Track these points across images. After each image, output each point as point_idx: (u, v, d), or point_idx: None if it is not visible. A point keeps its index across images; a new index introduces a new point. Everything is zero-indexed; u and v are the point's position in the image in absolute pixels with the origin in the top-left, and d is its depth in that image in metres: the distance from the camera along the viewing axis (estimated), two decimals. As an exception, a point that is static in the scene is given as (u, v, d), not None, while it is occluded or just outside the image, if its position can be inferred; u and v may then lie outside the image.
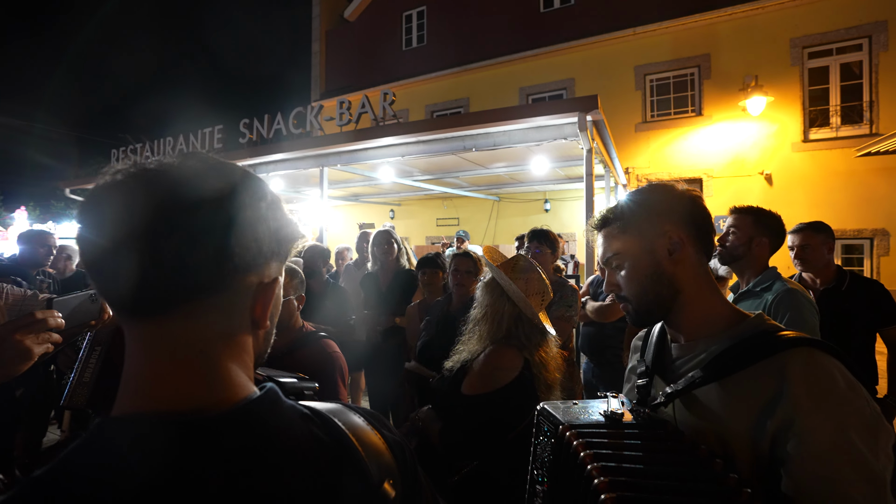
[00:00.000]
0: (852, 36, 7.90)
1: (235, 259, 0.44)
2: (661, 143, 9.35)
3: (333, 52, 14.42)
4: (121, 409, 0.43)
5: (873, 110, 7.76)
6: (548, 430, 0.74)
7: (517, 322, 1.41)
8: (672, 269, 0.80)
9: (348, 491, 0.47)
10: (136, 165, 0.43)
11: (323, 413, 0.52)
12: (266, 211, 0.47)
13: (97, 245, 0.41)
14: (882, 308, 2.15)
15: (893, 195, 7.54)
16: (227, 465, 0.41)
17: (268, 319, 0.50)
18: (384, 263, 3.23)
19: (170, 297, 0.42)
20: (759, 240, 1.88)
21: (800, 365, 0.65)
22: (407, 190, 9.25)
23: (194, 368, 0.44)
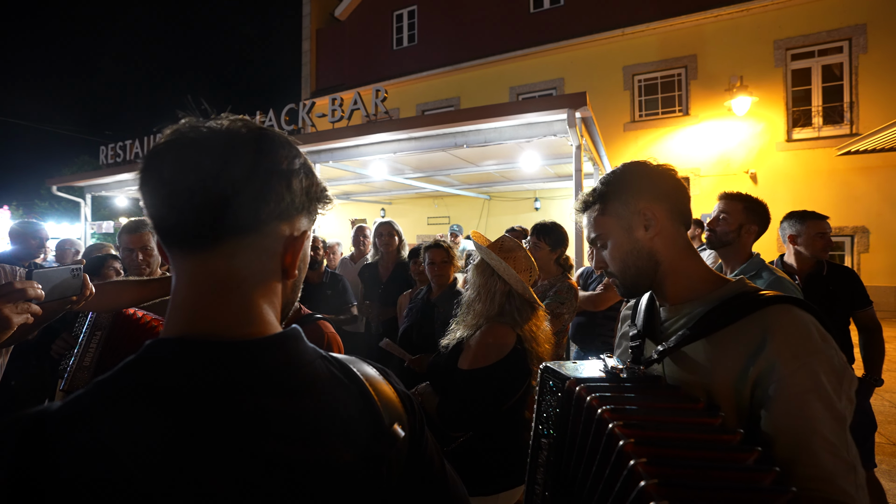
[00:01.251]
0: (833, 38, 8.11)
1: (271, 204, 0.49)
2: (649, 143, 9.50)
3: (324, 50, 14.39)
4: (168, 333, 0.49)
5: (853, 111, 7.98)
6: (553, 385, 0.78)
7: (509, 298, 1.48)
8: (650, 243, 0.86)
9: (361, 425, 0.53)
10: (190, 124, 0.50)
11: (341, 359, 0.58)
12: (299, 168, 0.53)
13: (159, 186, 0.48)
14: (857, 292, 2.26)
15: (873, 193, 7.75)
16: (256, 384, 0.47)
17: (296, 269, 0.56)
18: (385, 254, 3.25)
19: (214, 231, 0.48)
20: (749, 227, 1.95)
21: (780, 319, 0.72)
22: (398, 188, 9.28)
23: (231, 302, 0.50)
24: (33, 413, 0.42)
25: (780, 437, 0.65)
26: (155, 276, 2.02)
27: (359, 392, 0.55)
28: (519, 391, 1.45)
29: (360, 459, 0.51)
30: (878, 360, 2.25)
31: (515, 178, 8.17)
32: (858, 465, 0.64)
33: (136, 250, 1.92)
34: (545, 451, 0.78)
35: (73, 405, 0.43)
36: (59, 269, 1.04)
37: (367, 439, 0.52)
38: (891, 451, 3.21)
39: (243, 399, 0.46)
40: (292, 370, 0.50)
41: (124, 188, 8.94)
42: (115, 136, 26.05)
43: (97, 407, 0.43)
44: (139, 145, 7.84)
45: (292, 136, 0.56)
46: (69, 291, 1.07)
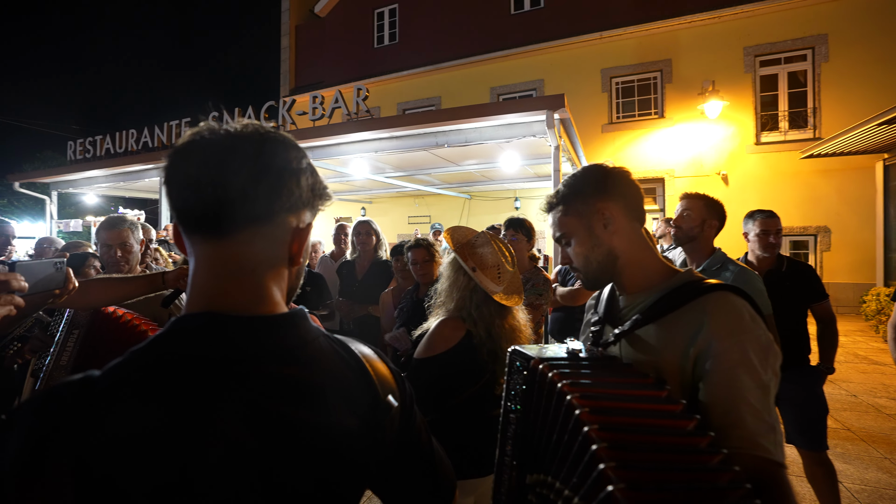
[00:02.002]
0: (798, 47, 8.48)
1: (283, 198, 0.56)
2: (626, 144, 9.74)
3: (304, 47, 14.25)
4: (191, 310, 0.55)
5: (816, 116, 8.36)
6: (520, 364, 0.86)
7: (472, 294, 1.53)
8: (609, 239, 0.94)
9: (361, 395, 0.60)
10: (211, 127, 0.56)
11: (340, 338, 0.65)
12: (306, 168, 0.60)
13: (186, 180, 0.54)
14: (813, 287, 2.41)
15: (833, 195, 8.14)
16: (271, 353, 0.54)
17: (301, 257, 0.62)
18: (363, 253, 3.29)
19: (234, 221, 0.54)
20: (710, 222, 2.10)
21: (718, 303, 0.82)
22: (379, 187, 9.28)
23: (247, 284, 0.56)
24: (81, 378, 0.47)
25: (715, 405, 0.75)
26: (134, 273, 2.01)
27: (357, 366, 0.62)
28: (472, 385, 1.50)
29: (362, 425, 0.58)
30: (831, 350, 2.40)
31: (496, 177, 8.27)
32: (777, 427, 0.74)
33: (114, 247, 1.90)
34: (513, 424, 0.86)
35: (115, 372, 0.48)
36: (43, 263, 1.05)
37: (366, 407, 0.59)
38: (845, 436, 3.41)
39: (265, 366, 0.53)
40: (302, 344, 0.57)
41: (94, 185, 8.69)
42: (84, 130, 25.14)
43: (138, 373, 0.48)
44: (110, 141, 7.64)
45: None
46: (52, 285, 1.07)
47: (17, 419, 0.45)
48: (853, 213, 7.99)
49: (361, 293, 3.17)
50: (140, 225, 2.58)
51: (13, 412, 0.46)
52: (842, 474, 2.82)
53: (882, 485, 2.75)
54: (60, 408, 0.45)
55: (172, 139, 6.96)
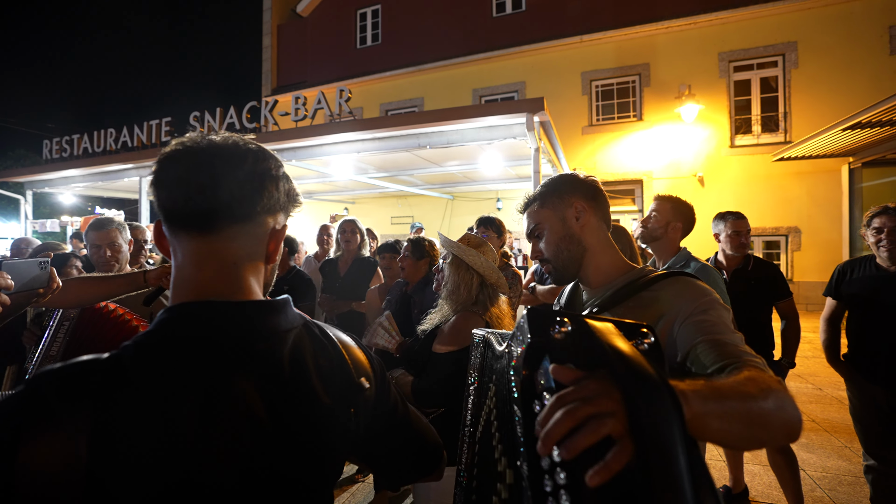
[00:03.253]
0: (769, 53, 8.77)
1: (264, 200, 0.63)
2: (605, 145, 9.93)
3: (286, 47, 14.13)
4: (178, 299, 0.61)
5: (787, 120, 8.66)
6: (478, 341, 0.95)
7: (481, 287, 1.68)
8: (580, 231, 1.03)
9: (336, 375, 0.67)
10: (198, 137, 0.63)
11: (320, 324, 0.72)
12: (283, 175, 0.67)
13: (177, 182, 0.60)
14: (777, 285, 2.54)
15: (804, 196, 8.44)
16: (264, 334, 0.61)
17: (276, 255, 0.69)
18: (346, 251, 3.34)
19: (221, 218, 0.61)
20: (675, 224, 2.19)
21: (675, 284, 0.91)
22: (362, 187, 9.28)
23: (230, 275, 0.62)
24: (110, 354, 0.53)
25: (699, 348, 0.78)
26: (123, 272, 2.02)
27: (334, 351, 0.68)
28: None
29: (336, 402, 0.65)
30: (793, 346, 2.53)
31: (478, 178, 8.35)
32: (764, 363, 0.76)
33: (103, 247, 1.94)
34: (472, 395, 0.93)
35: (132, 349, 0.54)
36: (28, 262, 1.07)
37: (340, 387, 0.66)
38: (809, 427, 3.57)
39: (259, 346, 0.59)
40: (289, 327, 0.64)
41: (71, 184, 8.48)
42: (60, 129, 24.48)
43: (151, 353, 0.55)
44: (88, 140, 7.48)
45: (255, 135, 0.68)
46: (36, 283, 1.09)
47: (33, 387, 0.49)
48: (822, 214, 8.29)
49: (344, 290, 3.21)
50: (135, 225, 2.59)
51: (28, 385, 0.50)
52: (804, 462, 2.96)
53: (842, 472, 2.90)
54: (87, 382, 0.50)
55: (153, 139, 6.86)
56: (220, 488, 0.52)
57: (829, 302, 2.41)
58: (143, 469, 0.48)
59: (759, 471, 2.95)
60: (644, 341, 0.56)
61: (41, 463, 0.45)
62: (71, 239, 6.90)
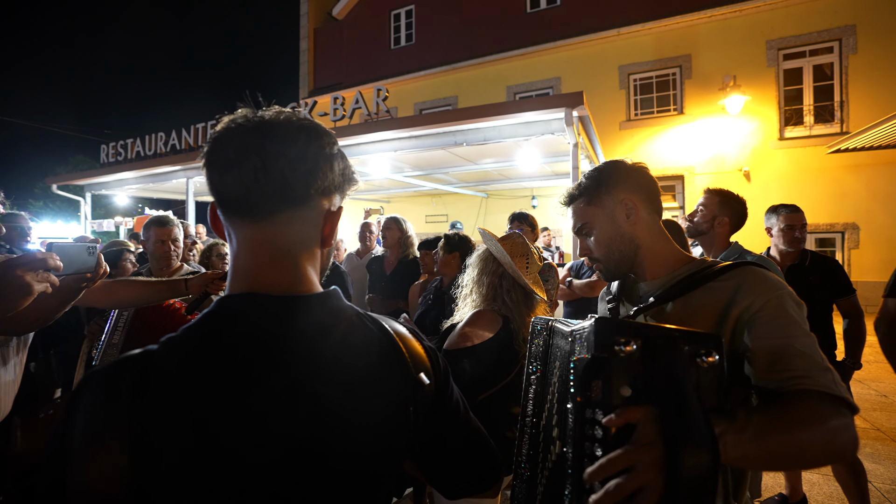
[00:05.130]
0: (824, 39, 8.26)
1: (318, 182, 0.59)
2: (644, 141, 9.63)
3: (322, 49, 14.45)
4: (233, 290, 0.59)
5: (843, 110, 8.13)
6: (540, 328, 0.91)
7: (500, 280, 1.57)
8: (631, 229, 0.97)
9: (392, 371, 0.62)
10: (249, 114, 0.59)
11: (375, 317, 0.67)
12: (338, 153, 0.62)
13: (227, 165, 0.56)
14: (838, 281, 2.38)
15: (862, 191, 7.91)
16: (308, 330, 0.57)
17: (332, 239, 0.65)
18: (390, 248, 3.38)
19: (273, 204, 0.57)
20: (721, 219, 2.10)
21: (747, 273, 0.86)
22: (397, 186, 9.38)
23: (285, 264, 0.59)
24: (141, 351, 0.52)
25: (760, 356, 0.76)
26: (175, 267, 2.14)
27: (390, 343, 0.63)
28: (502, 379, 1.50)
29: (392, 401, 0.60)
30: (857, 346, 2.37)
31: (513, 175, 8.28)
32: (833, 368, 0.74)
33: (167, 241, 2.13)
34: (533, 385, 0.90)
35: (169, 346, 0.53)
36: (76, 245, 1.10)
37: (396, 383, 0.62)
38: (874, 436, 3.34)
39: (298, 344, 0.56)
40: (336, 322, 0.60)
41: (124, 186, 9.00)
42: (115, 135, 25.97)
43: (189, 348, 0.53)
44: (140, 144, 7.91)
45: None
46: (84, 267, 1.11)
47: (82, 392, 0.49)
48: (883, 210, 7.75)
49: (390, 289, 3.25)
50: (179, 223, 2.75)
51: (79, 385, 0.51)
52: (871, 474, 2.77)
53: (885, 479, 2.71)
54: (122, 378, 0.49)
55: (199, 141, 7.18)
56: (256, 490, 0.50)
57: (892, 303, 2.15)
58: (179, 475, 0.47)
59: (819, 480, 2.79)
60: (707, 359, 0.61)
61: (91, 480, 0.45)
62: (129, 239, 7.34)
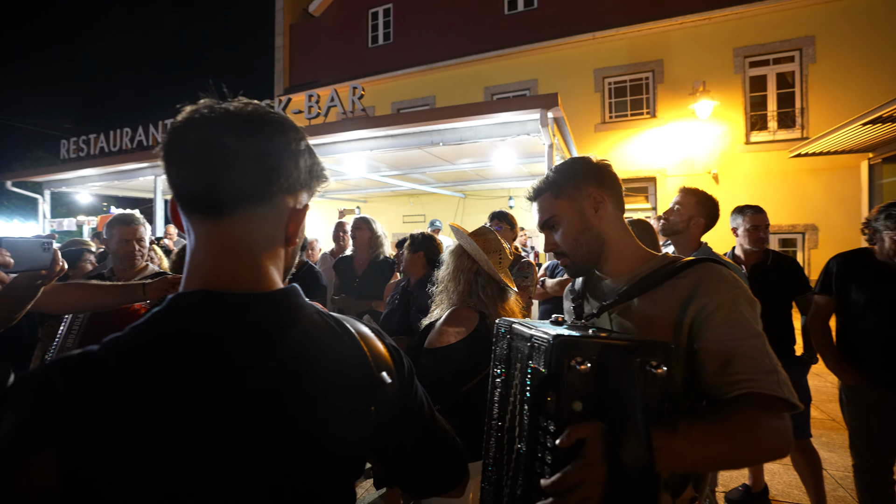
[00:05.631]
0: (786, 48, 8.61)
1: (281, 179, 0.57)
2: (618, 143, 9.83)
3: (298, 46, 14.22)
4: (188, 287, 0.56)
5: (804, 116, 8.50)
6: (504, 331, 0.91)
7: (476, 276, 1.59)
8: (598, 223, 0.99)
9: (353, 371, 0.61)
10: (213, 104, 0.56)
11: (336, 316, 0.66)
12: (305, 149, 0.60)
13: (185, 159, 0.54)
14: (797, 280, 2.50)
15: (821, 193, 8.28)
16: (263, 328, 0.55)
17: (297, 238, 0.63)
18: (359, 248, 3.34)
19: (233, 200, 0.55)
20: (697, 220, 2.17)
21: (706, 271, 0.89)
22: (374, 186, 9.31)
23: (244, 262, 0.57)
24: (79, 353, 0.49)
25: (713, 357, 0.80)
26: (140, 267, 2.07)
27: (351, 343, 0.62)
28: (483, 370, 1.52)
29: (352, 401, 0.59)
30: (815, 341, 2.48)
31: (490, 176, 8.33)
32: (780, 369, 0.79)
33: (131, 241, 2.04)
34: (499, 388, 0.90)
35: (112, 346, 0.50)
36: (30, 241, 1.03)
37: (357, 383, 0.60)
38: (830, 426, 3.51)
39: (256, 342, 0.54)
40: (294, 320, 0.58)
41: (87, 183, 8.64)
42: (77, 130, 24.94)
43: (134, 347, 0.50)
44: (104, 139, 7.61)
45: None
46: (38, 264, 1.05)
47: (13, 393, 0.46)
48: (840, 212, 8.13)
49: (361, 289, 3.21)
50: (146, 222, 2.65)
51: (10, 387, 0.47)
52: (826, 462, 2.91)
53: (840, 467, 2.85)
54: (56, 381, 0.46)
55: (167, 138, 6.96)
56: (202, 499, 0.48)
57: (824, 300, 2.25)
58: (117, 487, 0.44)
59: (780, 469, 2.91)
60: (656, 371, 0.66)
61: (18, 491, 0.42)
62: (91, 239, 7.03)
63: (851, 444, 2.18)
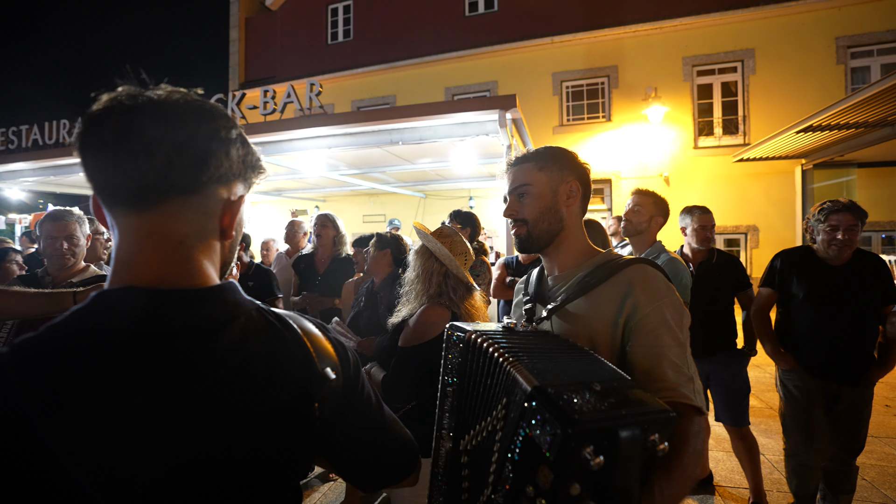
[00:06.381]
0: (730, 59, 9.15)
1: (211, 168, 0.54)
2: (575, 145, 10.10)
3: (254, 40, 13.75)
4: (114, 284, 0.52)
5: (746, 123, 9.05)
6: (457, 339, 0.89)
7: (445, 279, 1.62)
8: (565, 209, 1.03)
9: (296, 368, 0.59)
10: (134, 91, 0.52)
11: (278, 312, 0.63)
12: (236, 138, 0.57)
13: (102, 148, 0.50)
14: (738, 276, 2.65)
15: (761, 196, 8.84)
16: (196, 326, 0.52)
17: (233, 230, 0.60)
18: (322, 245, 3.27)
19: (158, 191, 0.52)
20: (657, 219, 2.31)
21: (638, 274, 0.92)
22: (333, 185, 9.13)
23: (174, 256, 0.54)
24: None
25: (641, 362, 0.84)
26: (77, 268, 1.92)
27: (293, 339, 0.60)
28: None
29: (295, 398, 0.57)
30: (754, 335, 2.63)
31: (450, 176, 8.35)
32: (696, 377, 0.85)
33: (60, 238, 1.84)
34: (450, 398, 0.89)
35: (25, 345, 0.46)
36: None
37: (300, 380, 0.58)
38: (768, 414, 3.74)
39: (184, 341, 0.51)
40: (230, 317, 0.56)
41: (18, 179, 7.99)
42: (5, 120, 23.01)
43: (50, 345, 0.47)
44: (38, 131, 7.06)
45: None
46: None
47: None
48: (778, 214, 8.70)
49: (325, 287, 3.16)
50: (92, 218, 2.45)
51: None
52: (764, 447, 3.10)
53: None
54: None
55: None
56: (151, 495, 0.45)
57: (767, 292, 2.40)
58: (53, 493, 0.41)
59: (723, 457, 3.07)
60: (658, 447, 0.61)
61: None
62: (20, 237, 6.51)
63: (784, 429, 2.33)
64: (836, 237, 2.12)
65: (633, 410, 0.60)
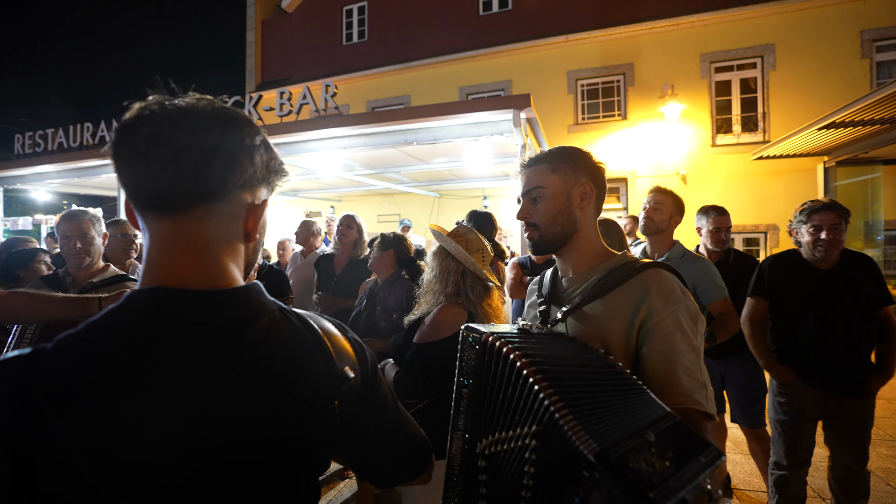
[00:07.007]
0: (749, 55, 8.96)
1: (236, 175, 0.56)
2: (591, 144, 10.01)
3: (270, 42, 13.93)
4: (145, 284, 0.55)
5: (766, 120, 8.86)
6: (472, 340, 0.90)
7: (463, 277, 1.64)
8: (578, 211, 1.03)
9: (316, 367, 0.61)
10: (163, 100, 0.55)
11: (299, 312, 0.66)
12: (260, 144, 0.60)
13: (134, 157, 0.53)
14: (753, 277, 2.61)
15: (781, 194, 8.64)
16: (221, 325, 0.55)
17: (257, 233, 0.63)
18: (343, 246, 3.31)
19: (187, 198, 0.55)
20: (676, 217, 2.30)
21: (654, 278, 0.92)
22: (348, 185, 9.21)
23: (201, 259, 0.57)
24: (28, 352, 0.48)
25: (656, 367, 0.85)
26: (95, 266, 1.98)
27: (313, 339, 0.63)
28: None
29: (315, 396, 0.59)
30: (772, 335, 2.59)
31: (465, 176, 8.36)
32: (708, 383, 0.85)
33: (73, 238, 1.88)
34: (465, 399, 0.89)
35: (66, 342, 0.49)
36: None
37: (320, 378, 0.61)
38: (788, 418, 3.66)
39: (210, 339, 0.53)
40: (254, 316, 0.58)
41: (45, 180, 8.24)
42: (32, 124, 23.73)
43: (89, 343, 0.50)
44: (63, 135, 7.28)
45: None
46: None
47: None
48: (799, 212, 8.51)
49: (340, 287, 3.18)
50: (123, 221, 2.52)
51: None
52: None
53: (817, 458, 2.98)
54: (7, 377, 0.45)
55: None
56: (178, 492, 0.48)
57: (756, 302, 2.29)
58: (68, 495, 0.44)
59: (741, 460, 3.03)
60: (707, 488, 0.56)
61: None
62: (46, 238, 6.70)
63: (772, 442, 2.24)
64: (819, 237, 2.06)
65: (692, 463, 0.58)
